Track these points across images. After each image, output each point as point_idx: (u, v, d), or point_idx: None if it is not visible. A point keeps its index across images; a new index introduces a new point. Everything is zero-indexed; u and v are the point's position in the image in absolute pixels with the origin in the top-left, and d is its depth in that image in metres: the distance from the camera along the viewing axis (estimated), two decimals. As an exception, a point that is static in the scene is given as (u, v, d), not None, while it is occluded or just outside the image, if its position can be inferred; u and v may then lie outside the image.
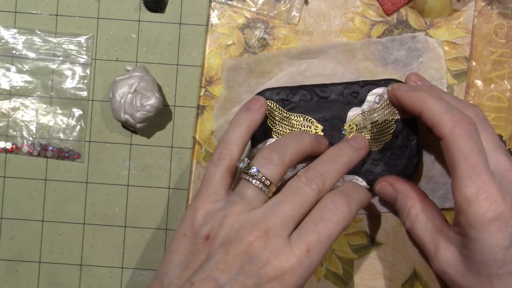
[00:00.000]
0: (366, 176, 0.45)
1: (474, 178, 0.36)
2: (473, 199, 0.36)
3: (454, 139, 0.37)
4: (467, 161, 0.36)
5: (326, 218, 0.37)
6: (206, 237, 0.36)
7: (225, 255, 0.35)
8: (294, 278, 0.35)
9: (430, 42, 0.47)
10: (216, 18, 0.48)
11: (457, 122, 0.37)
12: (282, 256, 0.35)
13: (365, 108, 0.45)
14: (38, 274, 0.48)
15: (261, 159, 0.39)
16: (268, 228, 0.36)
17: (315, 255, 0.36)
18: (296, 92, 0.45)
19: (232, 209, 0.37)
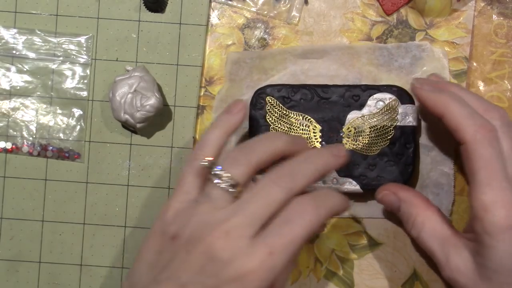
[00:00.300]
0: (360, 180, 0.45)
1: (492, 185, 0.36)
2: (490, 206, 0.35)
3: (475, 145, 0.37)
4: (487, 168, 0.36)
5: (293, 221, 0.36)
6: (173, 236, 0.36)
7: (187, 254, 0.35)
8: (255, 280, 0.34)
9: (435, 52, 0.47)
10: (216, 18, 0.48)
11: (479, 128, 0.37)
12: (243, 258, 0.34)
13: (365, 112, 0.45)
14: (38, 274, 0.48)
15: (228, 159, 0.38)
16: (230, 229, 0.35)
17: (278, 258, 0.35)
18: (297, 91, 0.45)
19: (198, 209, 0.37)
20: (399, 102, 0.45)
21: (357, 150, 0.45)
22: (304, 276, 0.48)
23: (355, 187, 0.45)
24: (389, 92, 0.45)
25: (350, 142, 0.45)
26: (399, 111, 0.45)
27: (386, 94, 0.45)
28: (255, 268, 0.34)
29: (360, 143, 0.45)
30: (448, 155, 0.47)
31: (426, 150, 0.47)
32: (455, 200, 0.47)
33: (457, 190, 0.47)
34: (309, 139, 0.45)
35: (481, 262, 0.37)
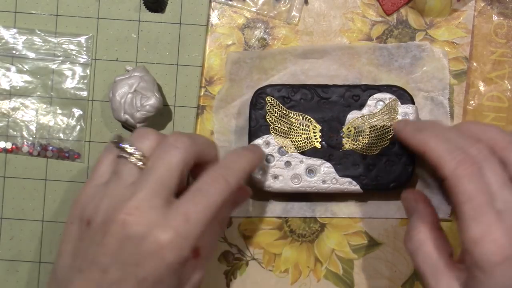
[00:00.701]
0: (360, 180, 0.45)
1: (478, 220, 0.35)
2: (478, 241, 0.34)
3: (456, 180, 0.36)
4: (471, 203, 0.35)
5: (204, 189, 0.36)
6: (88, 221, 0.36)
7: (103, 237, 0.34)
8: (174, 250, 0.34)
9: (435, 52, 0.47)
10: (216, 18, 0.48)
11: (459, 162, 0.36)
12: (159, 229, 0.34)
13: (364, 112, 0.45)
14: (38, 274, 0.48)
15: (134, 135, 0.38)
16: (139, 202, 0.35)
17: (194, 225, 0.35)
18: (297, 91, 0.45)
19: (108, 189, 0.36)
20: (399, 102, 0.45)
21: (357, 150, 0.45)
22: (304, 276, 0.48)
23: (355, 187, 0.45)
24: (389, 92, 0.45)
25: (350, 142, 0.45)
26: (399, 111, 0.45)
27: (386, 94, 0.45)
28: (172, 237, 0.34)
29: (360, 143, 0.45)
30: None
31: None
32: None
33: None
34: (309, 139, 0.45)
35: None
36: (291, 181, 0.45)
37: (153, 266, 0.34)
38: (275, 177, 0.45)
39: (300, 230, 0.48)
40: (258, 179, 0.45)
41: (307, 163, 0.45)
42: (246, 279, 0.48)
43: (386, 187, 0.45)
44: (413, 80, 0.47)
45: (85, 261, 0.35)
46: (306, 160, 0.45)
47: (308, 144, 0.45)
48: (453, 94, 0.48)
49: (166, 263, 0.34)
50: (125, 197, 0.35)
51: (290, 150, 0.45)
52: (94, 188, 0.37)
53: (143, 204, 0.35)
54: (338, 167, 0.45)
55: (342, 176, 0.45)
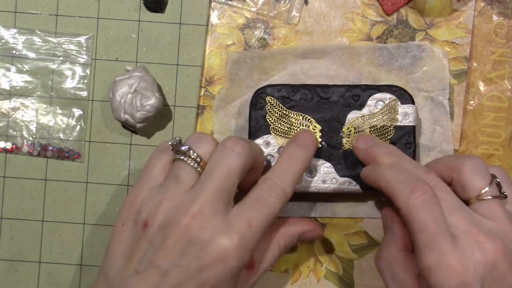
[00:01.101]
0: (360, 180, 0.45)
1: (432, 248, 0.35)
2: (432, 268, 0.35)
3: (408, 210, 0.36)
4: (424, 232, 0.35)
5: (264, 198, 0.37)
6: (144, 224, 0.36)
7: (164, 240, 0.35)
8: (237, 255, 0.35)
9: (435, 52, 0.47)
10: (216, 18, 0.48)
11: (410, 192, 0.36)
12: (223, 234, 0.35)
13: (364, 112, 0.45)
14: (38, 274, 0.48)
15: (192, 139, 0.38)
16: (202, 207, 0.35)
17: (256, 232, 0.36)
18: (297, 91, 0.45)
19: (167, 193, 0.36)
20: (399, 102, 0.45)
21: None
22: (304, 276, 0.48)
23: (355, 187, 0.45)
24: (389, 92, 0.45)
25: (350, 142, 0.45)
26: (399, 111, 0.45)
27: (386, 94, 0.45)
28: (236, 243, 0.35)
29: None
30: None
31: (426, 150, 0.47)
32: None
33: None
34: (309, 139, 0.45)
35: None
36: None
37: (215, 270, 0.34)
38: None
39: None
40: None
41: None
42: (246, 279, 0.48)
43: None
44: (413, 80, 0.47)
45: (143, 263, 0.35)
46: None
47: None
48: (453, 94, 0.48)
49: (228, 268, 0.35)
50: (187, 201, 0.35)
51: None
52: (148, 190, 0.37)
53: (206, 209, 0.35)
54: (338, 167, 0.45)
55: (342, 176, 0.45)
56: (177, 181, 0.37)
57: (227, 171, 0.37)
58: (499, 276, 0.35)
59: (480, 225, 0.36)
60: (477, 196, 0.38)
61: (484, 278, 0.34)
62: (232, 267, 0.35)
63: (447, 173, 0.39)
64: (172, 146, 0.38)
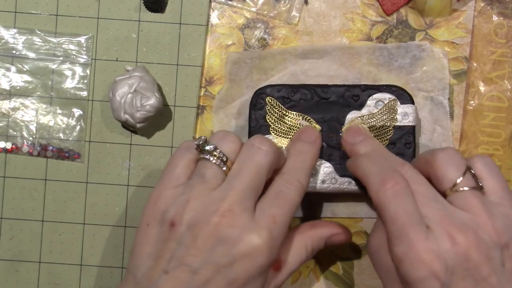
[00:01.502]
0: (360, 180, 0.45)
1: (401, 239, 0.35)
2: (402, 259, 0.35)
3: (378, 201, 0.37)
4: (393, 223, 0.36)
5: (284, 192, 0.37)
6: (171, 223, 0.36)
7: (194, 239, 0.35)
8: (266, 251, 0.35)
9: (435, 52, 0.47)
10: (216, 18, 0.48)
11: (382, 183, 0.36)
12: (253, 232, 0.35)
13: (364, 112, 0.45)
14: (38, 274, 0.48)
15: (216, 137, 0.39)
16: (232, 206, 0.35)
17: (281, 227, 0.36)
18: (297, 91, 0.45)
19: (193, 192, 0.36)
20: (399, 102, 0.45)
21: None
22: (304, 276, 0.48)
23: (354, 187, 0.45)
24: (388, 92, 0.45)
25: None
26: (398, 111, 0.45)
27: (386, 94, 0.45)
28: (265, 240, 0.35)
29: None
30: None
31: (426, 150, 0.47)
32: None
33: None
34: (309, 139, 0.45)
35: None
36: None
37: (245, 267, 0.35)
38: None
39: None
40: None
41: None
42: (246, 279, 0.48)
43: None
44: (413, 80, 0.47)
45: (172, 262, 0.35)
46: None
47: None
48: (453, 94, 0.48)
49: (258, 265, 0.35)
50: (215, 199, 0.36)
51: None
52: (172, 190, 0.38)
53: (235, 207, 0.35)
54: (338, 167, 0.45)
55: (342, 176, 0.45)
56: (202, 180, 0.37)
57: (255, 169, 0.37)
58: (471, 267, 0.34)
59: (453, 217, 0.36)
60: (452, 188, 0.37)
61: (454, 269, 0.34)
62: (262, 263, 0.35)
63: (424, 167, 0.39)
64: (198, 146, 0.38)
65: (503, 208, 0.37)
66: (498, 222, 0.36)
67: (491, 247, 0.35)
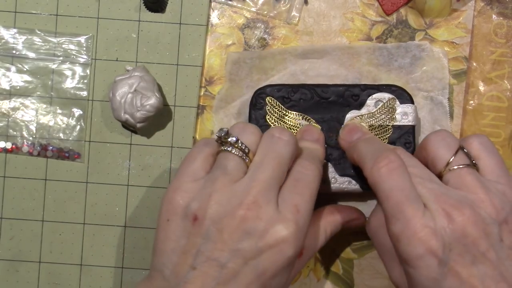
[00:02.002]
0: (360, 179, 0.45)
1: (397, 216, 0.35)
2: (399, 237, 0.35)
3: (373, 179, 0.37)
4: (389, 201, 0.36)
5: (303, 179, 0.37)
6: (194, 217, 0.35)
7: (220, 233, 0.34)
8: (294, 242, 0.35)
9: (435, 52, 0.47)
10: (216, 18, 0.48)
11: (376, 161, 0.37)
12: (279, 223, 0.35)
13: (363, 112, 0.45)
14: (38, 274, 0.48)
15: (236, 129, 0.38)
16: (256, 198, 0.35)
17: (305, 216, 0.36)
18: (296, 91, 0.45)
19: (216, 185, 0.36)
20: (398, 101, 0.45)
21: None
22: (304, 276, 0.48)
23: (355, 186, 0.45)
24: (388, 91, 0.45)
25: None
26: (398, 111, 0.45)
27: (385, 93, 0.45)
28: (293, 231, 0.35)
29: None
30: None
31: None
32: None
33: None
34: (309, 139, 0.45)
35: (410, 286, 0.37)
36: None
37: (273, 259, 0.34)
38: None
39: None
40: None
41: None
42: (246, 279, 0.48)
43: None
44: (413, 80, 0.47)
45: (199, 257, 0.35)
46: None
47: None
48: (452, 94, 0.48)
49: (286, 257, 0.35)
50: (239, 192, 0.35)
51: None
52: (192, 184, 0.37)
53: (260, 199, 0.35)
54: (338, 166, 0.45)
55: (342, 175, 0.45)
56: (225, 173, 0.36)
57: (278, 160, 0.37)
58: (469, 243, 0.34)
59: (448, 195, 0.36)
60: (445, 167, 0.37)
61: (452, 245, 0.34)
62: (289, 255, 0.35)
63: (419, 153, 0.40)
64: (219, 138, 0.38)
65: (500, 185, 0.37)
66: (495, 198, 0.36)
67: (489, 222, 0.35)
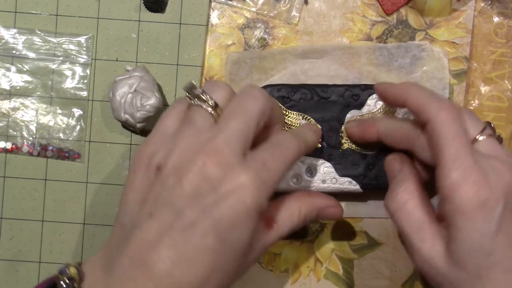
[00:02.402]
0: (360, 180, 0.45)
1: (459, 162, 0.35)
2: (459, 183, 0.34)
3: (439, 121, 0.36)
4: (453, 144, 0.35)
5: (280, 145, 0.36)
6: (157, 167, 0.35)
7: (178, 180, 0.34)
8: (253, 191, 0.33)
9: (435, 52, 0.47)
10: (216, 18, 0.48)
11: (442, 105, 0.36)
12: (239, 170, 0.34)
13: (364, 112, 0.45)
14: (38, 274, 0.48)
15: (207, 84, 0.38)
16: (219, 146, 0.34)
17: (271, 172, 0.35)
18: (297, 90, 0.45)
19: (181, 135, 0.35)
20: None
21: (357, 149, 0.45)
22: (304, 276, 0.48)
23: (355, 186, 0.45)
24: None
25: (349, 141, 0.45)
26: (398, 110, 0.45)
27: None
28: (252, 179, 0.33)
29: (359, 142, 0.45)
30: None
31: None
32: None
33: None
34: (309, 139, 0.45)
35: (454, 248, 0.35)
36: (291, 180, 0.45)
37: (230, 205, 0.33)
38: None
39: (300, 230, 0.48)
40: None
41: (307, 162, 0.45)
42: (246, 279, 0.48)
43: (386, 187, 0.45)
44: (413, 80, 0.47)
45: (156, 205, 0.34)
46: (306, 159, 0.45)
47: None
48: (453, 94, 0.48)
49: (244, 206, 0.33)
50: (204, 140, 0.34)
51: None
52: (162, 137, 0.36)
53: (223, 147, 0.34)
54: (338, 166, 0.45)
55: (342, 175, 0.45)
56: (191, 124, 0.36)
57: (246, 113, 0.36)
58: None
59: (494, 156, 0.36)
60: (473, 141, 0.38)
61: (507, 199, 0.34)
62: (248, 204, 0.33)
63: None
64: (186, 91, 0.37)
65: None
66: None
67: None
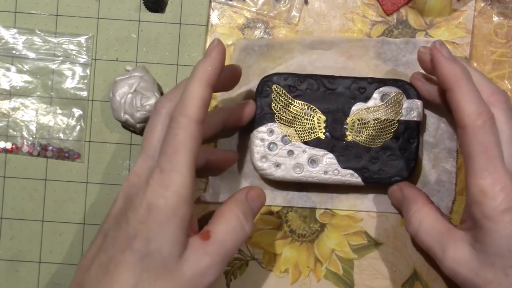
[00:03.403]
0: (362, 173, 0.45)
1: (490, 170, 0.37)
2: (489, 190, 0.36)
3: (475, 130, 0.37)
4: (486, 154, 0.37)
5: (168, 139, 0.36)
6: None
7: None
8: (157, 199, 0.35)
9: None
10: (216, 18, 0.48)
11: (481, 113, 0.37)
12: (148, 189, 0.36)
13: (369, 105, 0.45)
14: (38, 274, 0.48)
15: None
16: (139, 171, 0.38)
17: (170, 174, 0.35)
18: (303, 80, 0.45)
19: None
20: (405, 96, 0.45)
21: (361, 142, 0.45)
22: (304, 276, 0.48)
23: (356, 179, 0.45)
24: (395, 86, 0.45)
25: (353, 133, 0.45)
26: (404, 106, 0.45)
27: (392, 88, 0.45)
28: (153, 190, 0.35)
29: (364, 135, 0.45)
30: (451, 153, 0.47)
31: (429, 146, 0.47)
32: (455, 199, 0.47)
33: (458, 188, 0.47)
34: (313, 129, 0.45)
35: (482, 249, 0.38)
36: (293, 170, 0.45)
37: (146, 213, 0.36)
38: (277, 165, 0.45)
39: (300, 230, 0.48)
40: (260, 166, 0.45)
41: (310, 153, 0.45)
42: (246, 279, 0.48)
43: (388, 181, 0.45)
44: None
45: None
46: (309, 150, 0.45)
47: (312, 134, 0.45)
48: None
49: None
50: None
51: (294, 139, 0.45)
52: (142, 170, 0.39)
53: (142, 172, 0.38)
54: (340, 158, 0.45)
55: (344, 168, 0.45)
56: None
57: (148, 130, 0.39)
58: None
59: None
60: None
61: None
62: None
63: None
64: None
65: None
66: None
67: None
